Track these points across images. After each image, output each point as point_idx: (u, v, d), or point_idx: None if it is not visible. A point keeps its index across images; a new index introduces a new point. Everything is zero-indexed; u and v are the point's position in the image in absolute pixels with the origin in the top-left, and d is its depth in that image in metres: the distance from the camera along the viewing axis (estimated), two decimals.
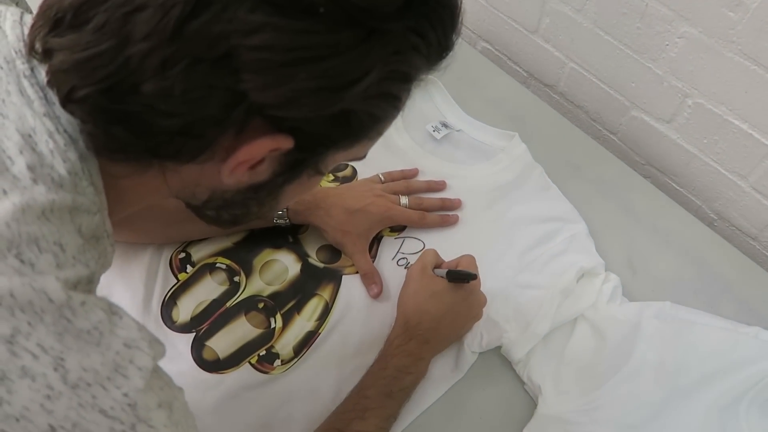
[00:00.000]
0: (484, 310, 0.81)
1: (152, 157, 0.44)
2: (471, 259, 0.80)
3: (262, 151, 0.44)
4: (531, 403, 0.78)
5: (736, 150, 0.97)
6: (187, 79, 0.39)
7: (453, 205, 0.95)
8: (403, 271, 0.87)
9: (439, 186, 0.97)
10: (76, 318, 0.39)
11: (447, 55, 0.48)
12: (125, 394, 0.39)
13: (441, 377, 0.79)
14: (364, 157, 0.55)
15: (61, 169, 0.42)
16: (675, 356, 0.78)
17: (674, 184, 1.11)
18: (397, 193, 0.93)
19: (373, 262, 0.88)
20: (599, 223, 0.95)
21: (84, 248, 0.42)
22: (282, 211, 0.86)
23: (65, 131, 0.43)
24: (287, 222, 0.87)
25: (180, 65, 0.38)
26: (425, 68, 0.47)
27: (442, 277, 0.78)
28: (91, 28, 0.39)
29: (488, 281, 0.81)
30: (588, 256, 0.89)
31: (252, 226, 0.88)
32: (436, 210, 0.94)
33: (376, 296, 0.85)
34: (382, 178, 0.96)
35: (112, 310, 0.41)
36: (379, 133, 0.51)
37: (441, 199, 0.95)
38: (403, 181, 0.96)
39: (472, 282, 0.77)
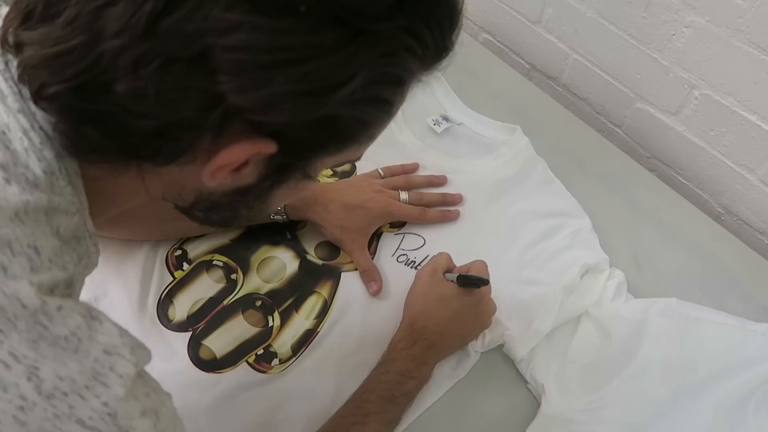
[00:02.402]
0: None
1: (128, 159, 0.43)
2: (483, 265, 0.79)
3: (242, 155, 0.42)
4: (534, 402, 0.77)
5: (744, 142, 0.96)
6: (162, 79, 0.37)
7: (454, 200, 0.94)
8: (403, 268, 0.87)
9: (440, 181, 0.96)
10: (53, 324, 0.37)
11: (445, 56, 0.45)
12: (105, 404, 0.38)
13: (443, 376, 0.78)
14: (358, 159, 0.53)
15: (36, 168, 0.40)
16: (681, 354, 0.78)
17: (680, 178, 1.10)
18: (396, 188, 0.92)
19: (373, 258, 0.87)
20: (603, 218, 0.94)
21: (62, 250, 0.41)
22: (279, 207, 0.84)
23: (41, 128, 0.41)
24: (285, 218, 0.86)
25: (153, 64, 0.37)
26: (421, 71, 0.45)
27: (452, 281, 0.77)
28: (61, 22, 0.37)
29: (490, 278, 0.80)
30: (592, 252, 0.88)
31: (248, 222, 0.86)
32: (437, 205, 0.93)
33: (376, 293, 0.83)
34: (382, 173, 0.95)
35: (91, 315, 0.40)
36: (371, 138, 0.49)
37: (442, 194, 0.94)
38: (403, 176, 0.95)
39: (483, 289, 0.76)
